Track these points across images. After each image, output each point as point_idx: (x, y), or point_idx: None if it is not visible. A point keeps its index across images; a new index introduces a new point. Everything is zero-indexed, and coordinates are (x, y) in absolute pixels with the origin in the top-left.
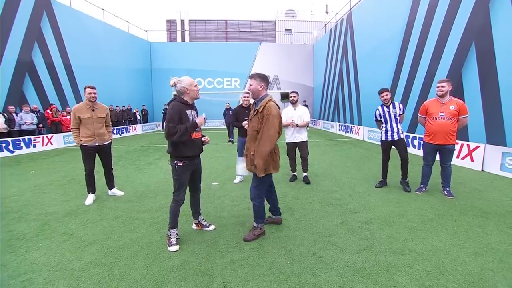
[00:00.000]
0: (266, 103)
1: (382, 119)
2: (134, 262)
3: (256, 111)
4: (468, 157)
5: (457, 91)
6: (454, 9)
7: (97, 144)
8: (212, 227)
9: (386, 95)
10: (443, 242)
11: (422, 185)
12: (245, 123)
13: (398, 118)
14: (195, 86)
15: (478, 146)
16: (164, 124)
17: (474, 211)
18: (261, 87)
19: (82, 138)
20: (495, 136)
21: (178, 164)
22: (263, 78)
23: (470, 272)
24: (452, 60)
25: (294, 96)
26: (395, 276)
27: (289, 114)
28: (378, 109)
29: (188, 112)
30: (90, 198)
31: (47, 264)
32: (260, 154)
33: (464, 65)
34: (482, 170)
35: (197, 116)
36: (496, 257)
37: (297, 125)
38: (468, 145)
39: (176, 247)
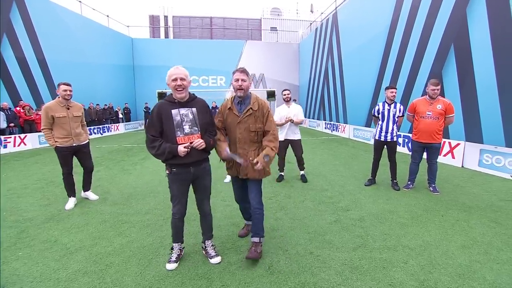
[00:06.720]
0: (257, 100)
1: (380, 116)
2: (126, 268)
3: (249, 110)
4: (450, 154)
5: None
6: (434, 12)
7: (74, 144)
8: (217, 259)
9: (393, 92)
10: (432, 237)
11: (409, 182)
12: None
13: (396, 119)
14: (173, 80)
15: (458, 144)
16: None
17: (458, 206)
18: (250, 84)
19: (57, 139)
20: (473, 134)
21: (166, 172)
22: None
23: (460, 265)
24: (433, 62)
25: (288, 94)
26: (392, 272)
27: (282, 113)
28: (378, 105)
29: (174, 112)
30: (71, 202)
31: (28, 275)
32: (275, 151)
33: (444, 66)
34: (462, 166)
35: (195, 113)
36: (481, 249)
37: (292, 121)
38: (449, 143)
39: (171, 266)
